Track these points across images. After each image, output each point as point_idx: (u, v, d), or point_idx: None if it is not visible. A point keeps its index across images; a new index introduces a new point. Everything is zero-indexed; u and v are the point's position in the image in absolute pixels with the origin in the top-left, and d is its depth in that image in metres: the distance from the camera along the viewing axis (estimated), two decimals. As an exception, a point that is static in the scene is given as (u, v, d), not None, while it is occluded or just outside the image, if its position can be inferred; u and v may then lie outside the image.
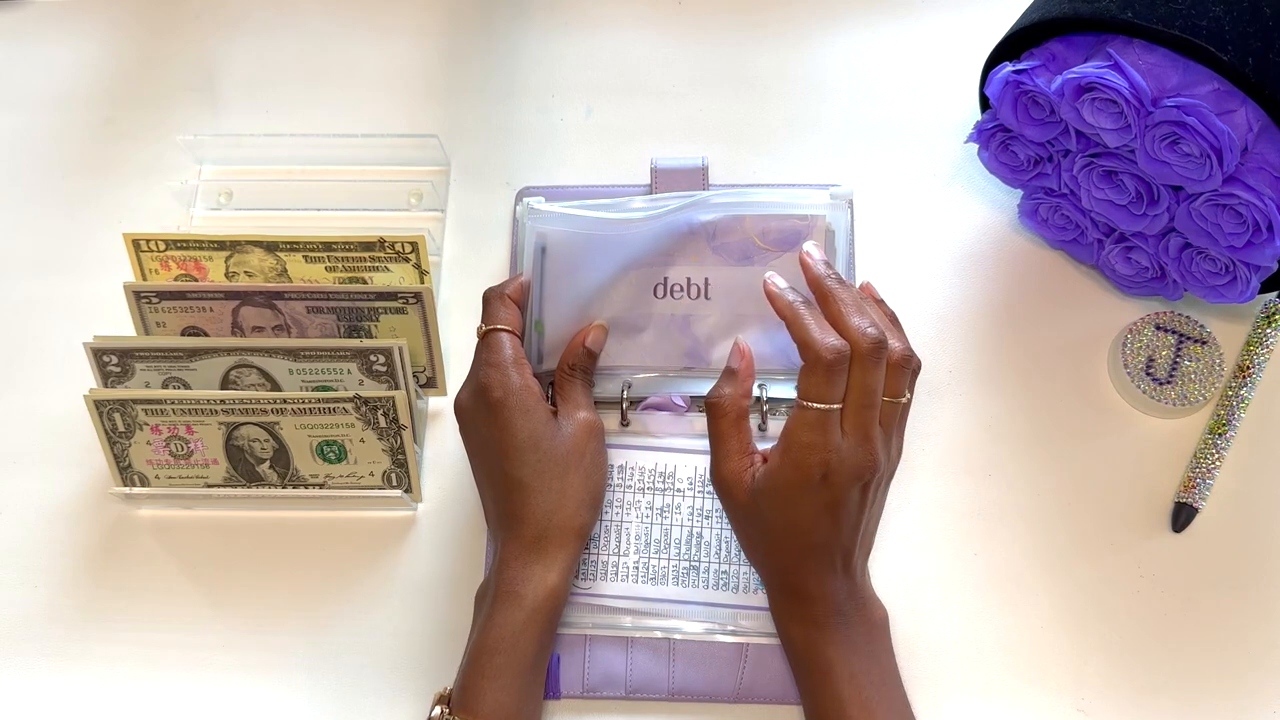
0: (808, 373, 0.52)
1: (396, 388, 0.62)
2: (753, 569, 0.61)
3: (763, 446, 0.56)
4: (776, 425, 0.62)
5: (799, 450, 0.52)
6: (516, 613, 0.54)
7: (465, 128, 0.73)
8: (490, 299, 0.60)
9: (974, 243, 0.69)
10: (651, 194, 0.66)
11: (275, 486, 0.63)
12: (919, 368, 0.56)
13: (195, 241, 0.63)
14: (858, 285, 0.61)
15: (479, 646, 0.54)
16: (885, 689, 0.54)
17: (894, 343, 0.54)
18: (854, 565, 0.55)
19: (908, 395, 0.55)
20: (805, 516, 0.53)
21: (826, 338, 0.52)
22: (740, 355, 0.57)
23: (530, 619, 0.54)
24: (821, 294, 0.54)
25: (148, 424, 0.61)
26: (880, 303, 0.59)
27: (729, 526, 0.61)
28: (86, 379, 0.62)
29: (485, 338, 0.58)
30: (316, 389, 0.62)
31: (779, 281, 0.55)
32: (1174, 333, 0.64)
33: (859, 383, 0.52)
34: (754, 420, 0.62)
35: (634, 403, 0.64)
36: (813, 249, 0.56)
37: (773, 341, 0.62)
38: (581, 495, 0.57)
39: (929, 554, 0.62)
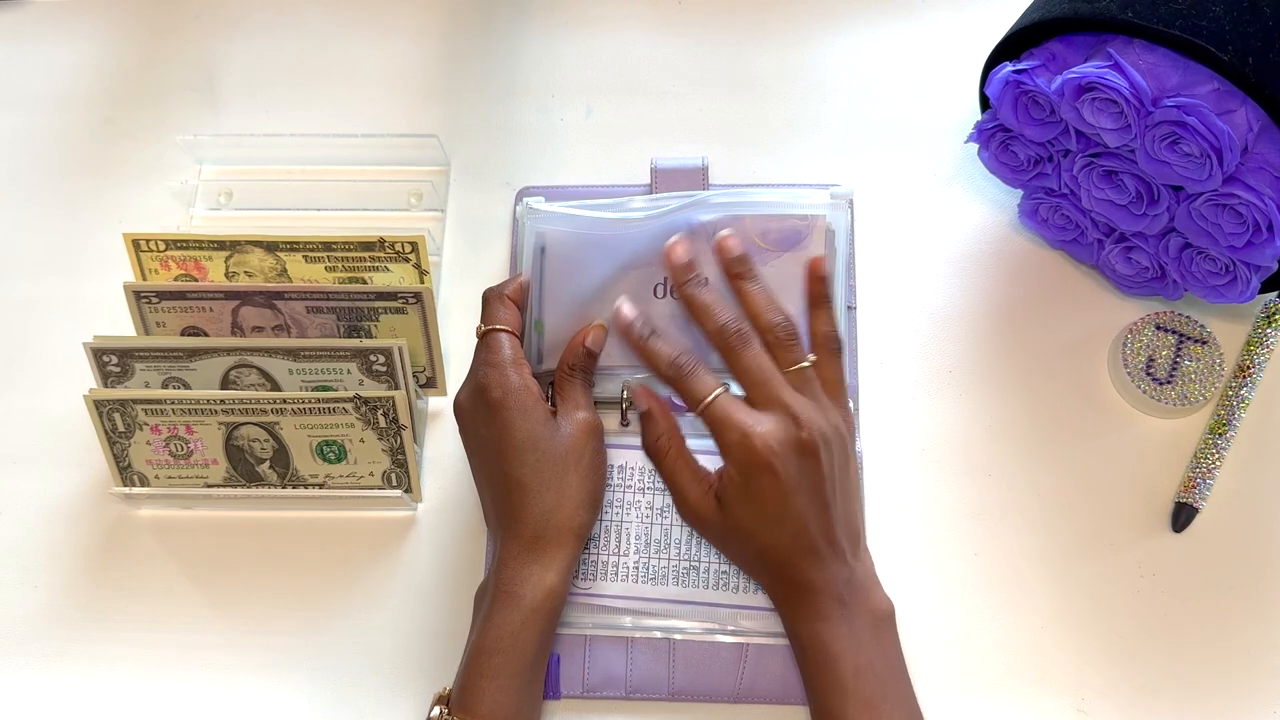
0: (679, 388, 0.57)
1: (396, 388, 0.62)
2: (753, 570, 0.61)
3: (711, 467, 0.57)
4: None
5: (732, 448, 0.54)
6: (515, 613, 0.54)
7: (465, 128, 0.73)
8: (489, 299, 0.60)
9: (974, 243, 0.69)
10: (651, 194, 0.66)
11: (275, 486, 0.63)
12: (834, 341, 0.58)
13: (195, 241, 0.63)
14: (850, 280, 0.62)
15: (478, 646, 0.54)
16: (891, 684, 0.54)
17: (770, 317, 0.57)
18: (841, 548, 0.55)
19: (811, 358, 0.57)
20: (772, 506, 0.54)
21: (668, 352, 0.57)
22: (642, 397, 0.59)
23: (529, 619, 0.54)
24: (685, 304, 0.58)
25: (148, 424, 0.61)
26: (820, 280, 0.60)
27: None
28: (86, 379, 0.62)
29: (484, 338, 0.58)
30: (316, 389, 0.62)
31: (627, 311, 0.59)
32: (1174, 333, 0.64)
33: (739, 367, 0.56)
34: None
35: (633, 403, 0.63)
36: (678, 246, 0.59)
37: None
38: (580, 495, 0.57)
39: (929, 554, 0.62)
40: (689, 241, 0.59)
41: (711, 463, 0.57)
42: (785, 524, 0.54)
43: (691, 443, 0.59)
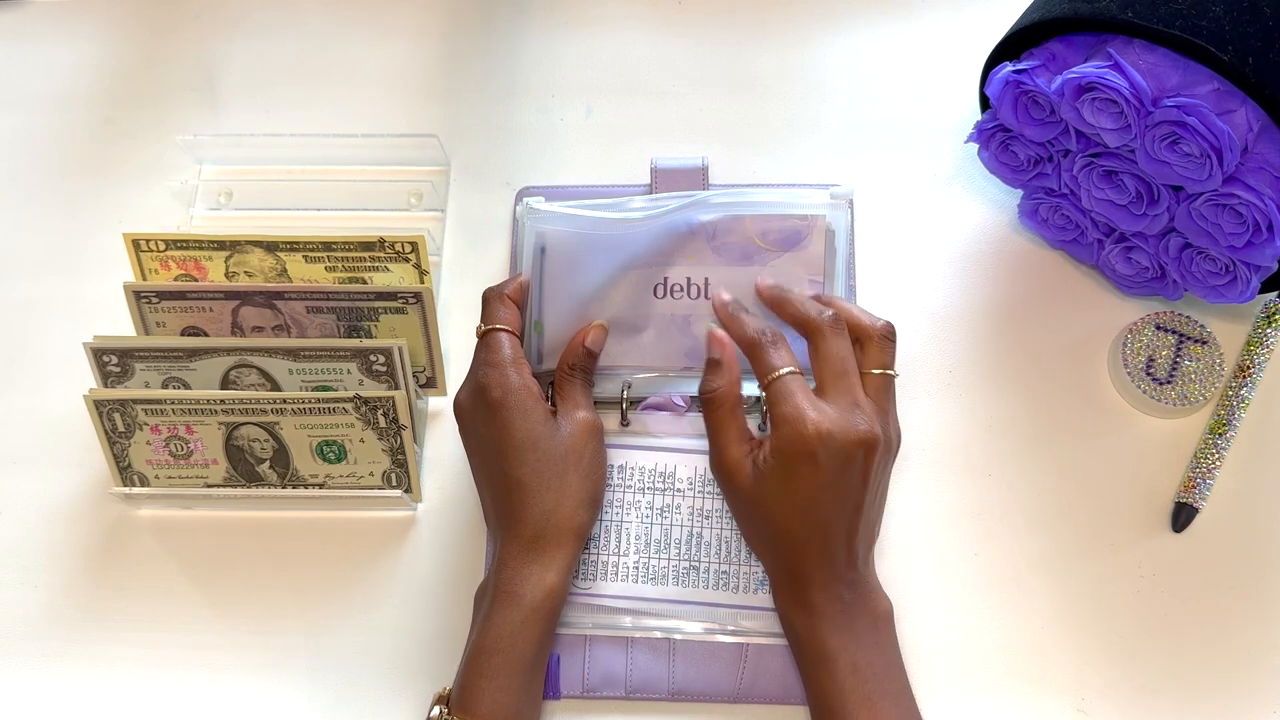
0: (754, 359, 0.57)
1: (396, 388, 0.62)
2: (753, 569, 0.61)
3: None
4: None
5: (785, 425, 0.54)
6: (515, 613, 0.54)
7: (465, 128, 0.73)
8: (489, 299, 0.60)
9: (974, 243, 0.69)
10: (651, 194, 0.66)
11: (275, 486, 0.63)
12: (893, 334, 0.58)
13: (195, 241, 0.63)
14: (847, 284, 0.63)
15: (478, 646, 0.54)
16: (889, 682, 0.54)
17: (869, 318, 0.57)
18: (856, 552, 0.55)
19: (896, 372, 0.57)
20: (807, 491, 0.53)
21: (756, 324, 0.58)
22: (720, 344, 0.59)
23: (529, 619, 0.54)
24: (775, 302, 0.59)
25: (148, 424, 0.61)
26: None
27: (729, 526, 0.61)
28: (86, 379, 0.62)
29: (484, 338, 0.59)
30: (316, 389, 0.62)
31: (725, 295, 0.60)
32: (1174, 333, 0.64)
33: (825, 353, 0.56)
34: (754, 421, 0.62)
35: (634, 403, 0.64)
36: (725, 294, 0.60)
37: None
38: (580, 495, 0.57)
39: (929, 554, 0.62)
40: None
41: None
42: (811, 516, 0.54)
43: (698, 442, 0.59)
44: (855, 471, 0.54)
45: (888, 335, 0.57)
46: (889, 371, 0.57)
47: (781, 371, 0.55)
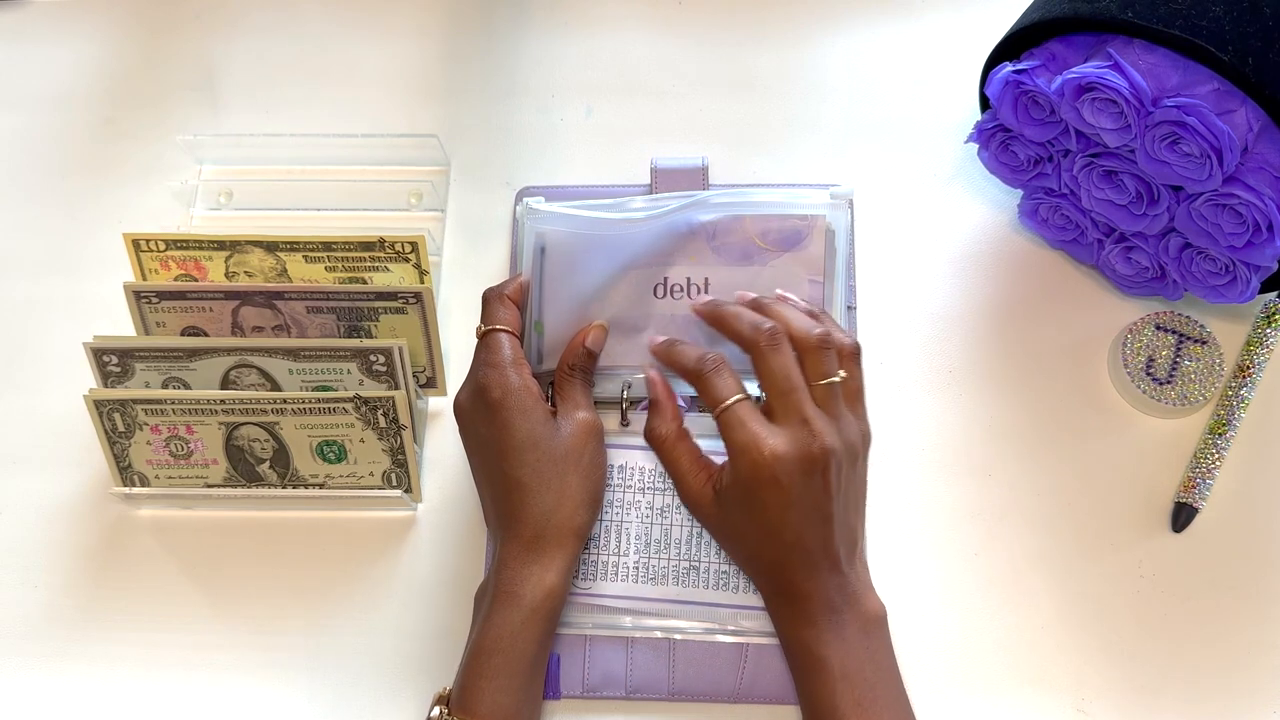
0: (700, 389, 0.57)
1: (396, 388, 0.62)
2: (752, 570, 0.61)
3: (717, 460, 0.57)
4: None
5: (739, 454, 0.54)
6: (515, 613, 0.54)
7: (465, 128, 0.73)
8: (489, 299, 0.60)
9: (974, 243, 0.69)
10: (651, 194, 0.66)
11: (275, 486, 0.63)
12: (856, 350, 0.57)
13: (195, 241, 0.63)
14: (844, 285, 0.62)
15: (478, 647, 0.54)
16: (881, 688, 0.54)
17: (805, 325, 0.56)
18: (838, 557, 0.55)
19: (842, 374, 0.56)
20: (773, 516, 0.53)
21: (693, 353, 0.58)
22: (654, 385, 0.60)
23: (529, 619, 0.54)
24: (714, 319, 0.58)
25: (148, 424, 0.61)
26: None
27: (729, 526, 0.61)
28: (86, 379, 0.62)
29: (484, 338, 0.58)
30: (316, 389, 0.62)
31: (659, 338, 0.60)
32: (1174, 333, 0.64)
33: (766, 371, 0.55)
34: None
35: (634, 403, 0.64)
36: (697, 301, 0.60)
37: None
38: (580, 495, 0.57)
39: (929, 554, 0.62)
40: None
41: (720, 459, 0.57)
42: (782, 535, 0.54)
43: (703, 443, 0.59)
44: (816, 486, 0.53)
45: (823, 343, 0.55)
46: (833, 380, 0.55)
47: (729, 401, 0.55)
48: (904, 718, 0.54)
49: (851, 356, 0.57)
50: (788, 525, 0.53)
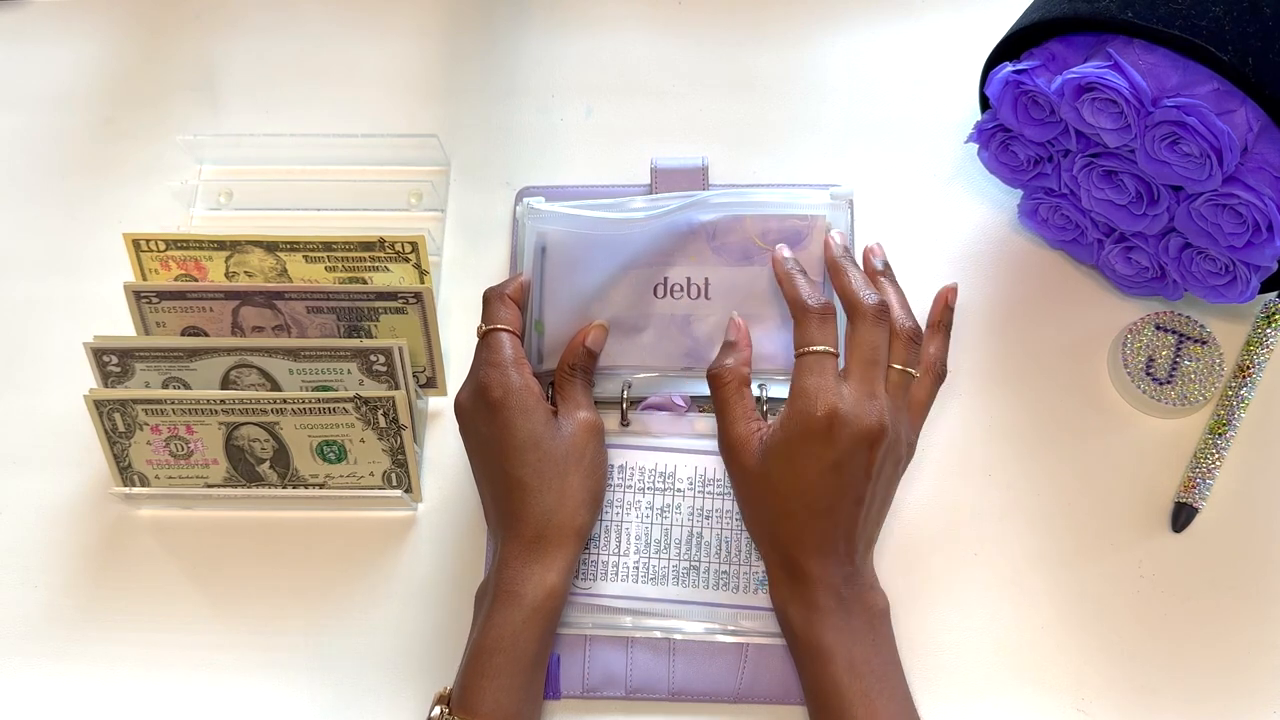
0: (799, 325, 0.57)
1: (396, 388, 0.62)
2: (753, 569, 0.61)
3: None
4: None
5: (803, 397, 0.54)
6: (516, 612, 0.54)
7: (465, 128, 0.73)
8: (490, 299, 0.60)
9: (974, 243, 0.69)
10: (651, 194, 0.66)
11: (275, 486, 0.63)
12: (942, 373, 0.59)
13: (195, 241, 0.63)
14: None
15: (479, 646, 0.54)
16: (886, 680, 0.54)
17: (906, 316, 0.58)
18: (855, 545, 0.55)
19: (917, 373, 0.58)
20: (811, 473, 0.54)
21: (813, 294, 0.57)
22: (736, 328, 0.60)
23: (530, 619, 0.54)
24: (835, 268, 0.59)
25: (148, 424, 0.61)
26: (947, 309, 0.62)
27: (729, 526, 0.61)
28: (86, 379, 0.62)
29: (485, 337, 0.59)
30: (316, 389, 0.62)
31: (785, 252, 0.60)
32: (1174, 333, 0.64)
33: (861, 339, 0.56)
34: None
35: (634, 403, 0.64)
36: (836, 235, 0.61)
37: (774, 340, 0.62)
38: (581, 495, 0.57)
39: (929, 554, 0.62)
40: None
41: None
42: (811, 497, 0.54)
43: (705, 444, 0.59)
44: (859, 459, 0.54)
45: (914, 337, 0.58)
46: (909, 370, 0.57)
47: (818, 347, 0.55)
48: (908, 710, 0.54)
49: (936, 375, 0.59)
50: (820, 488, 0.54)
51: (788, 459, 0.54)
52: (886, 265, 0.61)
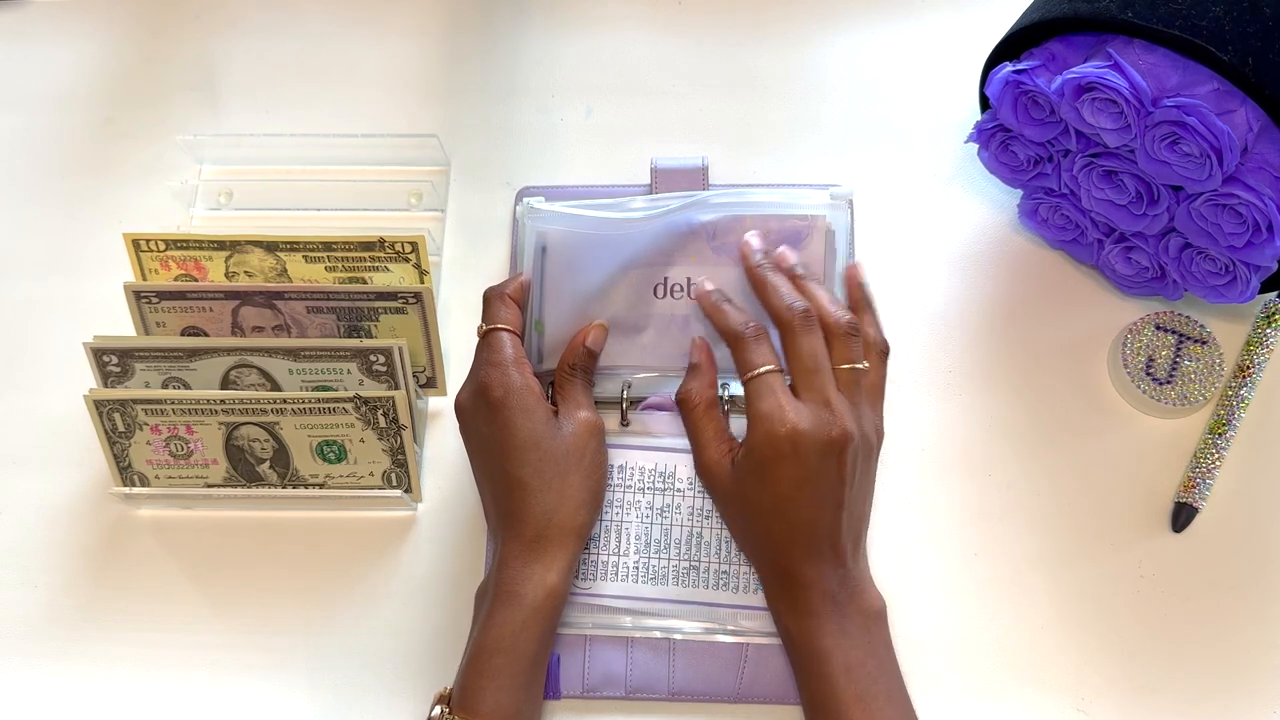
0: (736, 352, 0.57)
1: (396, 388, 0.62)
2: (753, 568, 0.61)
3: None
4: (739, 423, 0.62)
5: (762, 422, 0.54)
6: (516, 612, 0.54)
7: (465, 128, 0.73)
8: (490, 298, 0.60)
9: (974, 243, 0.69)
10: (651, 194, 0.66)
11: (275, 486, 0.63)
12: (885, 349, 0.59)
13: (195, 241, 0.63)
14: (847, 267, 0.62)
15: (479, 646, 0.54)
16: (883, 682, 0.54)
17: (837, 313, 0.57)
18: (843, 548, 0.55)
19: (865, 364, 0.57)
20: (785, 491, 0.54)
21: (740, 318, 0.58)
22: (698, 349, 0.60)
23: (530, 618, 0.54)
24: (755, 282, 0.59)
25: (148, 424, 0.61)
26: (860, 286, 0.61)
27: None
28: (86, 379, 0.62)
29: (485, 337, 0.59)
30: (316, 389, 0.62)
31: (709, 285, 0.60)
32: (1174, 333, 0.64)
33: (797, 350, 0.56)
34: (740, 421, 0.62)
35: (634, 403, 0.64)
36: (753, 238, 0.61)
37: (774, 340, 0.62)
38: (581, 495, 0.57)
39: (929, 554, 0.62)
40: (760, 236, 0.61)
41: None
42: (792, 513, 0.54)
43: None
44: (830, 469, 0.54)
45: (851, 330, 0.57)
46: (857, 366, 0.57)
47: (761, 370, 0.55)
48: (905, 712, 0.54)
49: (880, 354, 0.59)
50: (798, 503, 0.54)
51: (760, 480, 0.54)
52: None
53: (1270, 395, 0.64)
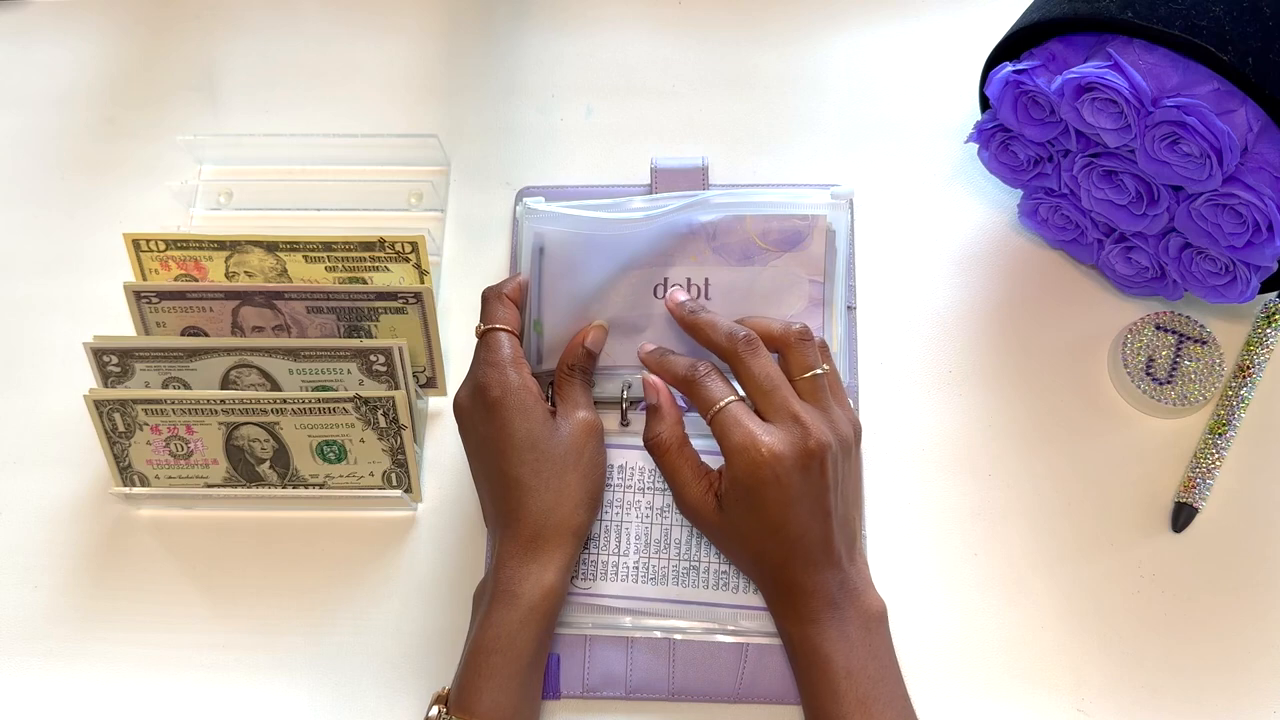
0: (692, 395, 0.56)
1: (396, 388, 0.62)
2: (752, 569, 0.61)
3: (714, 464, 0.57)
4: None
5: (737, 455, 0.54)
6: (513, 612, 0.54)
7: (465, 128, 0.73)
8: (488, 298, 0.60)
9: (974, 243, 0.69)
10: (651, 194, 0.66)
11: (275, 486, 0.63)
12: (808, 333, 0.58)
13: (195, 241, 0.63)
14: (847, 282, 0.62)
15: (476, 646, 0.54)
16: (884, 685, 0.54)
17: (779, 325, 0.57)
18: (837, 552, 0.55)
19: (825, 367, 0.57)
20: (774, 514, 0.53)
21: (685, 362, 0.57)
22: (653, 389, 0.59)
23: (527, 618, 0.54)
24: (689, 327, 0.58)
25: (148, 424, 0.61)
26: (679, 305, 0.60)
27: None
28: (86, 379, 0.62)
29: (484, 337, 0.58)
30: (316, 389, 0.62)
31: (649, 347, 0.60)
32: (1174, 333, 0.64)
33: (748, 376, 0.56)
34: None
35: (634, 403, 0.64)
36: (679, 293, 0.60)
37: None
38: (579, 495, 0.57)
39: (929, 554, 0.62)
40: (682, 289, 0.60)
41: (716, 463, 0.57)
42: (784, 532, 0.54)
43: (697, 442, 0.59)
44: (813, 482, 0.54)
45: (803, 336, 0.57)
46: (816, 372, 0.56)
47: (722, 403, 0.55)
48: (905, 714, 0.54)
49: (825, 350, 0.59)
50: (789, 523, 0.53)
51: (749, 509, 0.54)
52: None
53: (1270, 395, 0.64)
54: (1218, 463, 0.62)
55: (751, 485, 0.53)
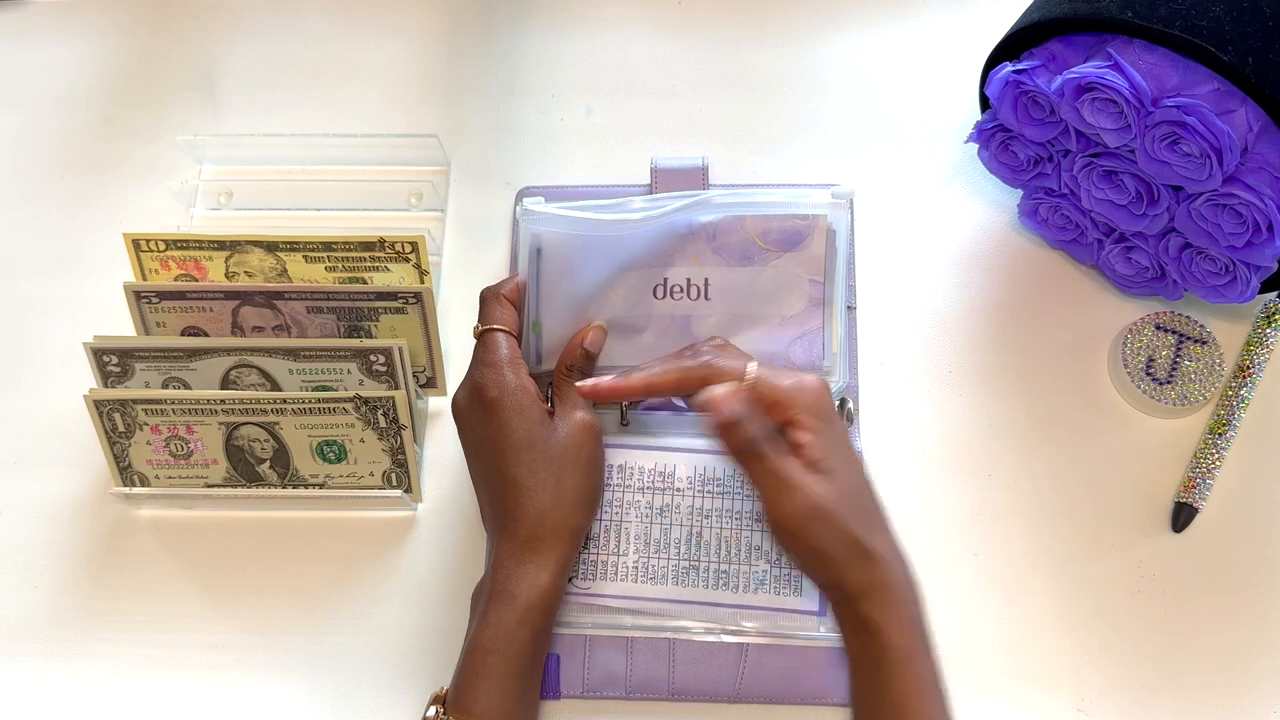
0: (724, 442, 0.53)
1: (396, 388, 0.62)
2: (753, 568, 0.61)
3: None
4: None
5: (779, 526, 0.52)
6: (510, 612, 0.54)
7: (465, 128, 0.73)
8: (486, 299, 0.60)
9: (974, 243, 0.69)
10: (651, 194, 0.66)
11: (275, 486, 0.63)
12: (720, 341, 0.59)
13: (195, 241, 0.63)
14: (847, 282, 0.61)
15: (474, 646, 0.54)
16: (935, 669, 0.52)
17: (733, 363, 0.56)
18: (867, 549, 0.52)
19: (752, 365, 0.55)
20: (810, 556, 0.52)
21: (711, 420, 0.53)
22: (731, 401, 0.54)
23: (524, 619, 0.54)
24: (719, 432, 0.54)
25: (148, 424, 0.61)
26: (580, 348, 0.60)
27: (729, 526, 0.61)
28: (86, 379, 0.62)
29: (481, 338, 0.58)
30: (316, 389, 0.62)
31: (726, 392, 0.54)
32: (1174, 333, 0.64)
33: (733, 447, 0.53)
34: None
35: (634, 403, 0.63)
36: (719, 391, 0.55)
37: (774, 340, 0.62)
38: (576, 496, 0.57)
39: (929, 554, 0.62)
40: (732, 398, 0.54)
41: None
42: (825, 561, 0.52)
43: (698, 443, 0.58)
44: (824, 531, 0.52)
45: (706, 353, 0.57)
46: (750, 375, 0.54)
47: (746, 451, 0.53)
48: (946, 700, 0.52)
49: (722, 346, 0.59)
50: (828, 562, 0.52)
51: (794, 542, 0.52)
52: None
53: (1270, 395, 0.64)
54: (1218, 463, 0.62)
55: (780, 538, 0.53)
